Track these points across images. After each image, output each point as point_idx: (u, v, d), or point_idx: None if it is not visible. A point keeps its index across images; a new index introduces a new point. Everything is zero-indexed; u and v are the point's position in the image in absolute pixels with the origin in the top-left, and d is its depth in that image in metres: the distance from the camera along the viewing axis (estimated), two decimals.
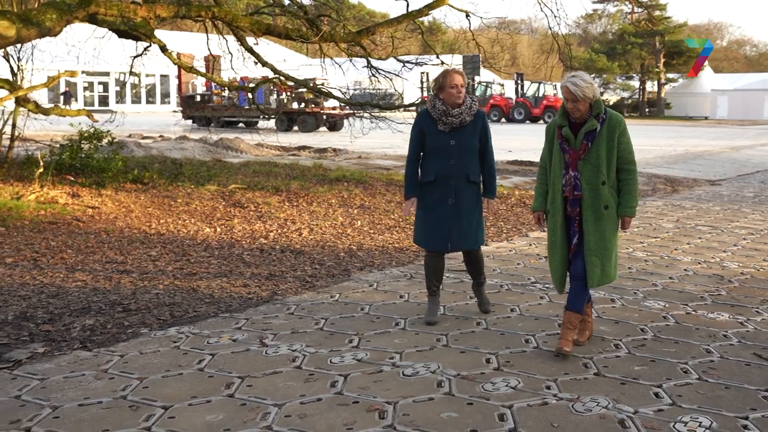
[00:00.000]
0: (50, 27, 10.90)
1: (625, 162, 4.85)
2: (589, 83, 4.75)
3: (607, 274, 4.88)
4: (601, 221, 4.82)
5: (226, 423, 3.80)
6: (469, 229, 5.52)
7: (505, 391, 4.21)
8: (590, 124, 4.79)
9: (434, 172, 5.45)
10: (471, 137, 5.44)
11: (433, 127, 5.47)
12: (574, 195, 4.85)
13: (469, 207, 5.48)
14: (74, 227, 9.73)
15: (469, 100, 5.45)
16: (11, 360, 4.85)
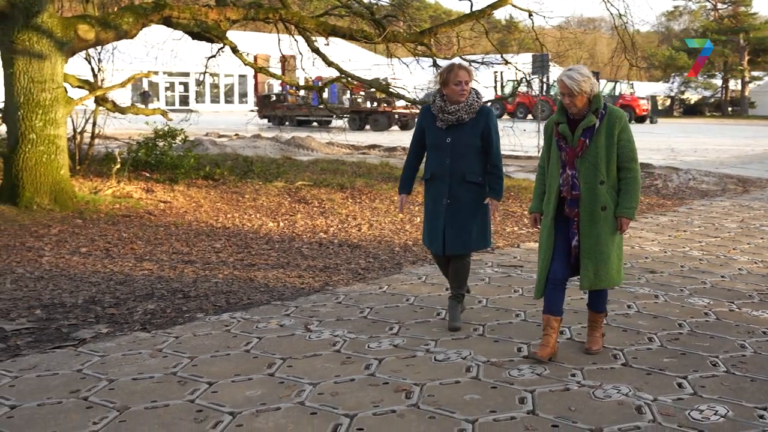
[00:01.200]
0: (127, 30, 11.47)
1: (626, 160, 4.61)
2: (587, 77, 4.55)
3: (602, 278, 4.65)
4: (597, 223, 4.60)
5: (263, 398, 4.10)
6: (463, 232, 5.26)
7: (530, 377, 4.39)
8: (588, 120, 4.58)
9: (431, 170, 5.33)
10: (470, 136, 5.20)
11: (432, 123, 5.34)
12: (572, 195, 4.64)
13: (464, 209, 5.24)
14: (146, 220, 10.24)
15: (472, 97, 5.25)
16: (77, 339, 5.27)
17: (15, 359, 4.79)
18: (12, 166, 10.36)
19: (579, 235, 4.65)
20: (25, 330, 5.49)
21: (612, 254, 4.67)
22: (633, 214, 4.65)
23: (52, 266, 7.60)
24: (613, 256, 4.68)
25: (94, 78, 14.12)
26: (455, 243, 5.29)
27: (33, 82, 10.31)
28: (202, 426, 3.73)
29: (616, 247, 4.71)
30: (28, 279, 7.07)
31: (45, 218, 9.83)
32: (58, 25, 10.63)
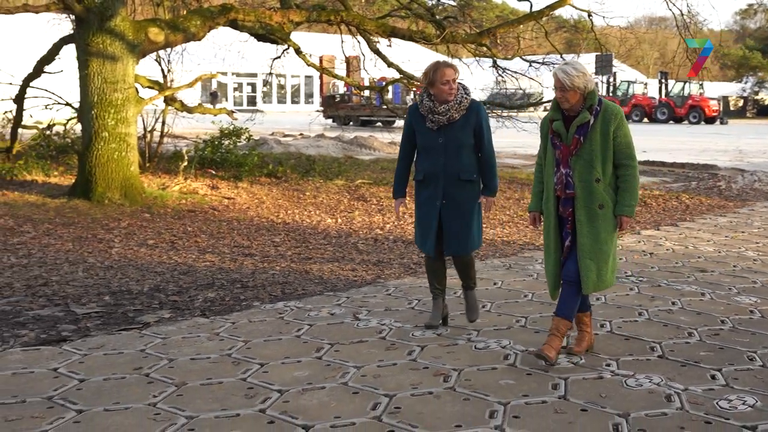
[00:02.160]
0: (195, 32, 11.94)
1: (623, 157, 4.49)
2: (581, 72, 4.44)
3: (603, 279, 4.56)
4: (595, 222, 4.48)
5: (309, 378, 4.37)
6: (460, 233, 5.14)
7: (566, 366, 4.56)
8: (582, 117, 4.47)
9: (423, 171, 5.17)
10: (462, 134, 5.06)
11: (421, 124, 5.16)
12: (566, 194, 4.55)
13: (461, 209, 5.12)
14: (210, 215, 10.67)
15: (460, 94, 5.06)
16: (141, 322, 5.64)
17: (85, 339, 5.17)
18: (86, 162, 10.91)
19: (575, 235, 4.54)
20: (94, 314, 5.89)
21: (611, 254, 4.58)
22: (633, 212, 4.54)
23: (121, 257, 8.04)
24: (612, 256, 4.59)
25: (164, 79, 14.69)
26: (456, 244, 5.16)
27: (106, 83, 10.83)
28: (252, 401, 4.02)
29: (613, 246, 4.61)
30: (99, 268, 7.50)
31: (115, 212, 10.33)
32: (129, 28, 11.14)
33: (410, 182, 5.42)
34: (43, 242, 8.64)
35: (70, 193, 11.12)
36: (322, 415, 3.85)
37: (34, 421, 3.76)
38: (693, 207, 12.39)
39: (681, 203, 12.71)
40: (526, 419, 3.78)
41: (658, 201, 12.82)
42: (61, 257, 7.94)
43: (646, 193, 13.71)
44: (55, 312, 5.92)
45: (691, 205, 12.58)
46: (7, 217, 9.85)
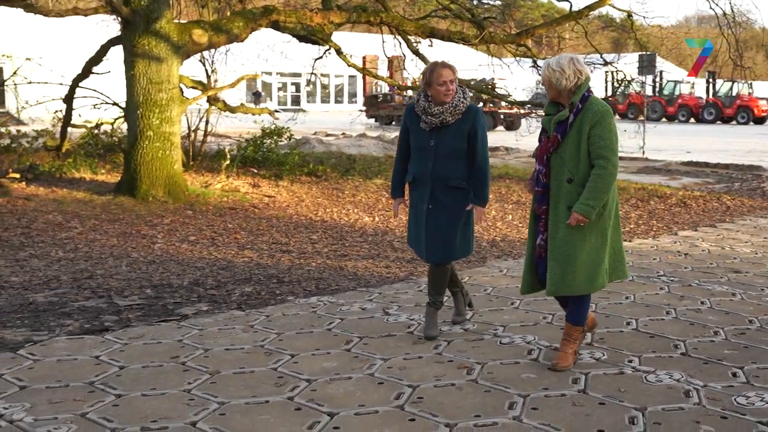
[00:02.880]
0: (237, 34, 12.21)
1: (596, 156, 4.29)
2: (559, 69, 4.30)
3: (568, 283, 4.37)
4: (562, 223, 4.35)
5: (338, 369, 4.53)
6: (443, 240, 4.96)
7: (588, 361, 4.65)
8: (561, 114, 4.36)
9: (413, 173, 5.03)
10: (454, 139, 4.88)
11: (415, 124, 5.00)
12: (534, 190, 4.50)
13: (448, 216, 4.94)
14: (250, 213, 10.92)
15: (458, 97, 4.87)
16: (180, 314, 5.86)
17: (126, 329, 5.40)
18: (131, 160, 11.25)
19: (545, 234, 4.46)
20: (136, 306, 6.13)
21: (581, 258, 4.35)
22: (589, 211, 4.27)
23: (163, 252, 8.31)
24: (583, 260, 4.36)
25: (207, 79, 15.01)
26: (436, 251, 4.99)
27: (151, 83, 11.14)
28: (281, 389, 4.19)
29: (589, 250, 4.37)
30: (142, 262, 7.77)
31: (159, 209, 10.64)
32: (174, 30, 11.44)
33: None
34: (89, 237, 8.96)
35: (116, 190, 11.47)
36: (347, 403, 4.01)
37: (76, 404, 3.99)
38: (734, 208, 12.29)
39: (722, 204, 12.62)
40: (544, 411, 3.89)
41: (698, 202, 12.74)
42: (106, 252, 8.24)
43: (687, 194, 13.63)
44: (99, 303, 6.18)
45: (732, 206, 12.48)
46: (56, 213, 10.21)
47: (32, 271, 7.29)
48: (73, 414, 3.85)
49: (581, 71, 4.32)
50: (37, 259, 7.84)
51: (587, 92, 4.35)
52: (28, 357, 4.76)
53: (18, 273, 7.23)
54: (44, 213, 10.18)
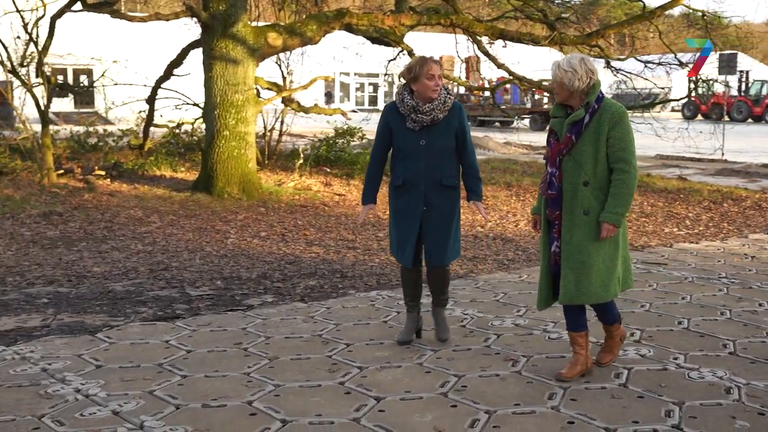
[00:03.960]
0: (311, 36, 12.57)
1: (616, 160, 4.15)
2: (571, 69, 4.15)
3: (584, 291, 4.23)
4: (578, 229, 4.20)
5: (389, 358, 4.77)
6: (442, 242, 4.84)
7: (632, 357, 4.76)
8: (575, 114, 4.19)
9: (402, 176, 4.80)
10: (445, 136, 4.76)
11: (401, 125, 4.79)
12: (547, 194, 4.31)
13: (443, 216, 4.81)
14: (320, 210, 11.26)
15: (444, 94, 4.75)
16: (246, 304, 6.19)
17: (195, 317, 5.76)
18: (208, 159, 11.73)
19: (560, 241, 4.29)
20: (206, 296, 6.50)
21: (596, 265, 4.21)
22: (618, 219, 4.16)
23: (235, 247, 8.69)
24: (598, 267, 4.22)
25: (283, 80, 15.47)
26: (436, 254, 4.86)
27: (228, 85, 11.60)
28: (333, 375, 4.45)
29: (603, 257, 4.24)
30: (214, 256, 8.17)
31: (233, 206, 11.08)
32: (250, 33, 11.87)
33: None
34: (167, 232, 9.43)
35: (193, 187, 11.98)
36: (394, 389, 4.24)
37: (145, 382, 4.33)
38: None
39: None
40: (582, 402, 4.04)
41: None
42: (182, 246, 8.68)
43: (764, 196, 13.36)
44: (172, 293, 6.57)
45: None
46: (137, 208, 10.75)
47: (113, 263, 7.77)
48: (142, 391, 4.19)
49: (593, 71, 4.19)
50: (117, 252, 8.32)
51: (601, 93, 4.23)
52: (104, 340, 5.15)
53: (100, 264, 7.71)
54: (126, 208, 10.73)
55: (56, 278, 7.07)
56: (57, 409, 3.93)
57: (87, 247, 8.51)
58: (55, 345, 5.03)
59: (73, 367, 4.59)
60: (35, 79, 13.22)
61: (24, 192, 11.43)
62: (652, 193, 13.58)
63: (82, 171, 13.08)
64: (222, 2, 11.59)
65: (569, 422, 3.79)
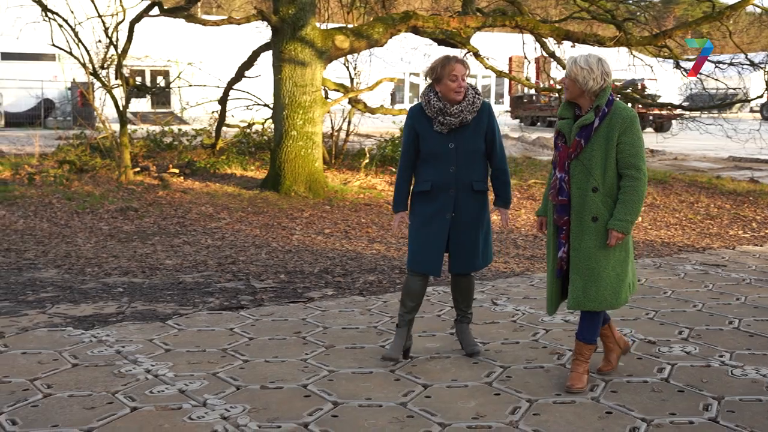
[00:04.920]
0: (377, 39, 12.85)
1: (626, 166, 4.05)
2: (587, 68, 4.04)
3: (592, 298, 4.13)
4: (586, 235, 4.11)
5: (439, 349, 4.98)
6: (471, 249, 4.64)
7: (678, 354, 4.86)
8: (585, 118, 4.08)
9: (430, 181, 4.60)
10: (474, 138, 4.57)
11: (427, 128, 4.59)
12: (557, 200, 4.19)
13: (472, 222, 4.62)
14: (384, 209, 11.52)
15: (471, 94, 4.55)
16: (307, 297, 6.49)
17: (258, 308, 6.08)
18: (276, 158, 12.13)
19: (567, 247, 4.20)
20: (269, 288, 6.82)
21: (605, 272, 4.13)
22: (627, 227, 4.06)
23: (300, 242, 9.02)
24: (608, 274, 4.14)
25: (351, 81, 15.79)
26: (465, 261, 4.66)
27: (296, 86, 11.97)
28: (385, 363, 4.68)
29: (613, 263, 4.15)
30: (279, 251, 8.50)
31: (300, 204, 11.43)
32: (318, 36, 12.22)
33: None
34: (235, 228, 9.83)
35: (262, 185, 12.39)
36: (442, 377, 4.45)
37: (209, 365, 4.65)
38: None
39: None
40: (622, 394, 4.18)
41: None
42: (249, 241, 9.05)
43: None
44: (238, 285, 6.92)
45: None
46: (208, 205, 11.20)
47: (184, 256, 8.17)
48: (206, 373, 4.51)
49: (608, 74, 4.07)
50: (188, 246, 8.73)
51: (611, 96, 4.12)
52: (174, 326, 5.50)
53: (172, 257, 8.12)
54: (198, 205, 11.20)
55: (131, 269, 7.50)
56: (129, 387, 4.27)
57: (160, 241, 8.95)
58: (129, 330, 5.41)
59: (144, 350, 4.95)
60: (114, 80, 13.85)
61: (103, 188, 12.01)
62: (720, 195, 13.43)
63: (157, 169, 13.65)
64: (291, 6, 11.96)
65: (607, 412, 3.94)
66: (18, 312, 5.89)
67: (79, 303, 6.20)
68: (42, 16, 13.29)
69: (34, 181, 12.19)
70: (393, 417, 3.88)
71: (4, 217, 10.13)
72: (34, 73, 30.94)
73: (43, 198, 11.20)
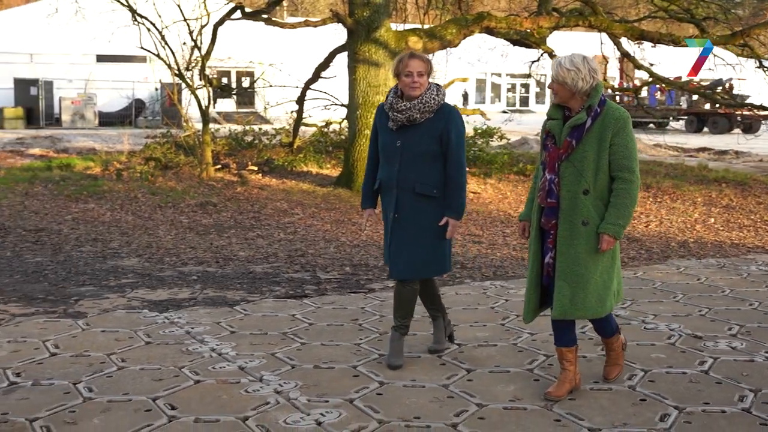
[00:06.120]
0: (450, 39, 13.06)
1: (619, 168, 3.89)
2: (574, 68, 3.88)
3: (579, 306, 3.98)
4: (576, 240, 3.94)
5: (487, 338, 5.20)
6: (409, 254, 4.47)
7: (722, 349, 4.94)
8: (577, 118, 3.92)
9: (380, 178, 4.57)
10: (423, 139, 4.39)
11: (384, 123, 4.53)
12: (547, 203, 4.01)
13: (415, 226, 4.44)
14: None
15: (430, 94, 4.39)
16: (369, 288, 6.78)
17: (321, 297, 6.40)
18: (350, 156, 12.48)
19: (555, 252, 4.04)
20: (334, 279, 7.14)
21: (593, 278, 3.98)
22: (619, 232, 3.91)
23: (368, 238, 9.33)
24: (595, 280, 3.99)
25: None
26: (398, 266, 4.51)
27: (369, 87, 12.29)
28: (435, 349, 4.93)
29: (600, 270, 4.01)
30: (347, 246, 8.83)
31: None
32: (392, 37, 12.51)
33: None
34: (307, 223, 10.22)
35: (336, 183, 12.76)
36: (486, 363, 4.67)
37: (269, 347, 4.98)
38: None
39: None
40: (659, 383, 4.31)
41: None
42: (320, 235, 9.41)
43: None
44: (304, 276, 7.26)
45: None
46: (283, 201, 11.64)
47: (256, 248, 8.58)
48: (265, 353, 4.84)
49: (596, 71, 3.93)
50: (262, 239, 9.15)
51: (603, 96, 3.98)
52: (240, 311, 5.87)
53: (245, 249, 8.54)
54: (273, 201, 11.64)
55: (206, 260, 7.95)
56: (194, 363, 4.64)
57: (235, 234, 9.40)
58: (199, 314, 5.80)
59: (211, 331, 5.33)
60: (198, 81, 14.47)
61: (185, 184, 12.61)
62: None
63: (237, 166, 14.21)
64: (366, 9, 12.28)
65: (641, 399, 4.09)
66: (100, 295, 6.37)
67: (156, 289, 6.65)
68: (132, 19, 14.02)
69: (121, 176, 12.89)
70: (434, 397, 4.12)
71: (93, 209, 10.79)
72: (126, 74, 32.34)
73: (129, 192, 11.85)
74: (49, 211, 10.63)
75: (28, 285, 6.74)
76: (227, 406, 3.98)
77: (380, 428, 3.73)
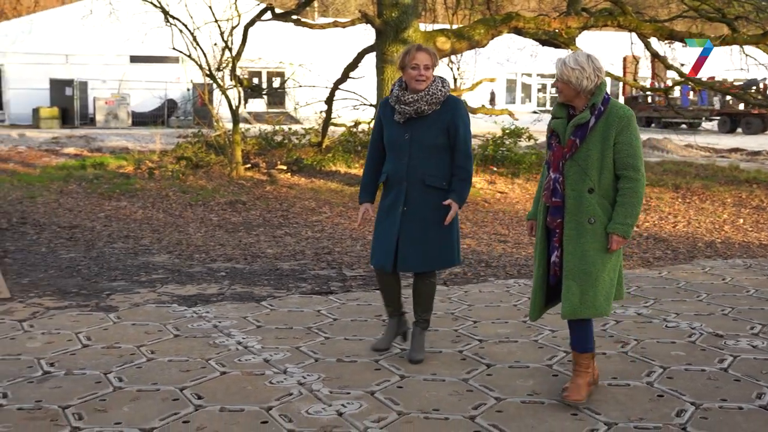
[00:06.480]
0: (478, 40, 13.12)
1: (624, 167, 3.88)
2: (579, 67, 3.87)
3: (588, 305, 3.95)
4: (583, 238, 3.93)
5: (508, 334, 5.27)
6: (423, 245, 4.51)
7: (743, 347, 4.96)
8: (581, 117, 3.91)
9: (386, 172, 4.58)
10: (431, 132, 4.44)
11: (390, 117, 4.57)
12: (552, 202, 4.02)
13: (426, 218, 4.49)
14: (480, 206, 11.79)
15: (435, 86, 4.44)
16: None
17: (346, 293, 6.51)
18: None
19: (561, 251, 4.03)
20: (359, 276, 7.25)
21: (601, 276, 3.96)
22: (628, 231, 3.91)
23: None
24: (603, 279, 3.97)
25: (454, 82, 16.10)
26: (412, 258, 4.53)
27: None
28: (455, 345, 5.02)
29: (608, 268, 3.99)
30: None
31: None
32: (420, 38, 12.60)
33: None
34: (335, 221, 10.34)
35: None
36: (506, 359, 4.74)
37: (294, 341, 5.10)
38: None
39: None
40: (677, 380, 4.35)
41: None
42: (346, 234, 9.52)
43: None
44: (330, 273, 7.38)
45: None
46: (311, 200, 11.78)
47: (284, 246, 8.72)
48: (290, 347, 4.96)
49: (600, 70, 3.92)
50: (289, 237, 9.29)
51: (607, 94, 3.98)
52: (267, 307, 6.00)
53: (273, 246, 8.68)
54: (302, 200, 11.79)
55: (234, 257, 8.09)
56: (221, 355, 4.77)
57: (264, 232, 9.55)
58: (226, 308, 5.94)
59: (238, 325, 5.46)
60: (229, 82, 14.67)
61: (215, 183, 12.80)
62: None
63: (266, 166, 14.38)
64: (395, 9, 12.38)
65: (659, 395, 4.14)
66: (131, 290, 6.54)
67: (185, 284, 6.80)
68: (164, 21, 14.26)
69: (153, 175, 13.12)
70: (453, 390, 4.21)
71: (125, 207, 11.01)
72: (158, 75, 32.79)
73: (160, 191, 12.06)
74: (82, 209, 10.87)
75: (62, 280, 6.93)
76: (252, 396, 4.10)
77: (399, 419, 3.83)
